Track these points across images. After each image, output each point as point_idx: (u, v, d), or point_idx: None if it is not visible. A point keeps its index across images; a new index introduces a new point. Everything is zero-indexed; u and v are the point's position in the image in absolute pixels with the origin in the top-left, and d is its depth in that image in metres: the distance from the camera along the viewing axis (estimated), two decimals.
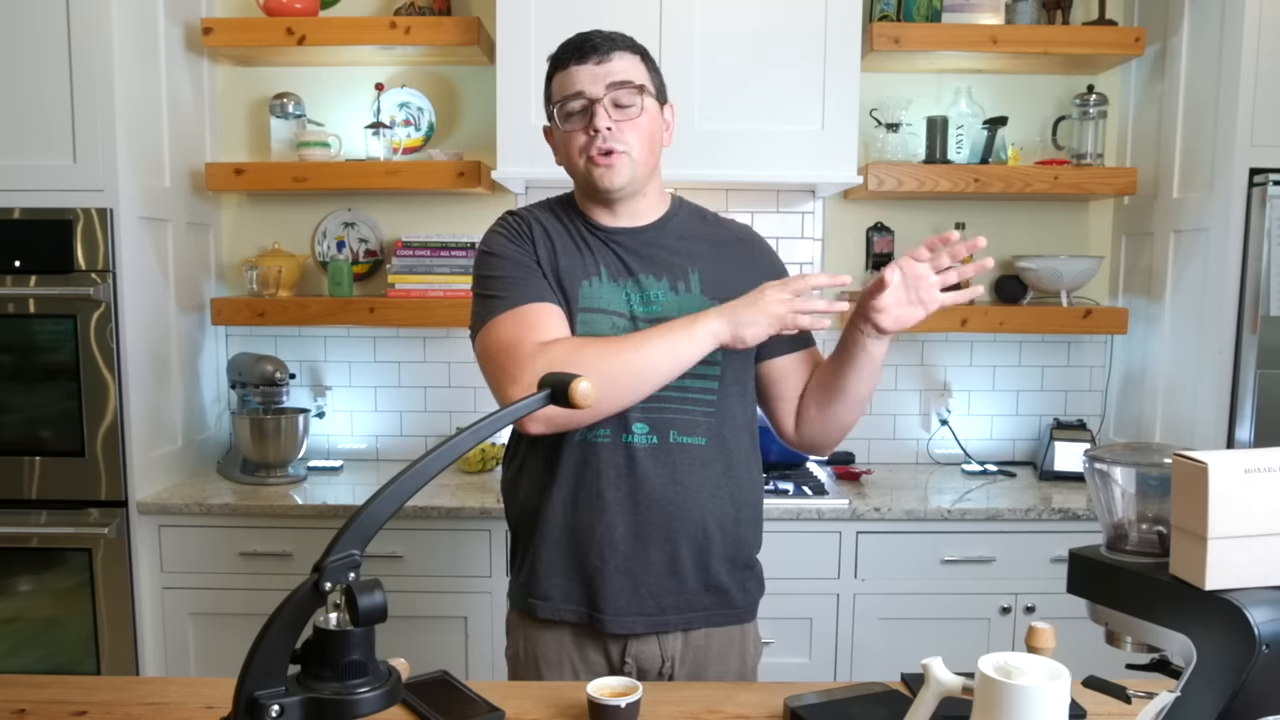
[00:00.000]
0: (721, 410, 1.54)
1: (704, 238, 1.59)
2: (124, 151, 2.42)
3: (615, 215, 1.55)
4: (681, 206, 1.62)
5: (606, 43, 1.48)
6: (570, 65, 1.48)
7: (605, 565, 1.51)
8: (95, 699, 1.35)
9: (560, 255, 1.52)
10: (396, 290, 2.78)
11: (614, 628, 1.52)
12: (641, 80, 1.49)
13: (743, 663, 1.61)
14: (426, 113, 2.92)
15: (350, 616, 0.90)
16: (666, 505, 1.50)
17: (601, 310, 1.50)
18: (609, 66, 1.47)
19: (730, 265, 1.57)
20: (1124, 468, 1.13)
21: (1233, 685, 0.97)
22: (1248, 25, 2.38)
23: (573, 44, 1.49)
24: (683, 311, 1.49)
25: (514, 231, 1.55)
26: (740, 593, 1.59)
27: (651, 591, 1.52)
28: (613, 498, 1.50)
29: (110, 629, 2.49)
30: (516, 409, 1.08)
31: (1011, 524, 2.48)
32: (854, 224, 2.97)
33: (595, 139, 1.46)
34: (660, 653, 1.55)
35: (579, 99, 1.47)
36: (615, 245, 1.54)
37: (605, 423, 1.48)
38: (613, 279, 1.52)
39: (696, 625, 1.56)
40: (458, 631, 2.49)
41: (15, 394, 2.46)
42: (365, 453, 3.03)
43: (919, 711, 1.08)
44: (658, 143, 1.53)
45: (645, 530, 1.51)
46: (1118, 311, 2.79)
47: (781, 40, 2.53)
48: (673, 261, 1.54)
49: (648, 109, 1.49)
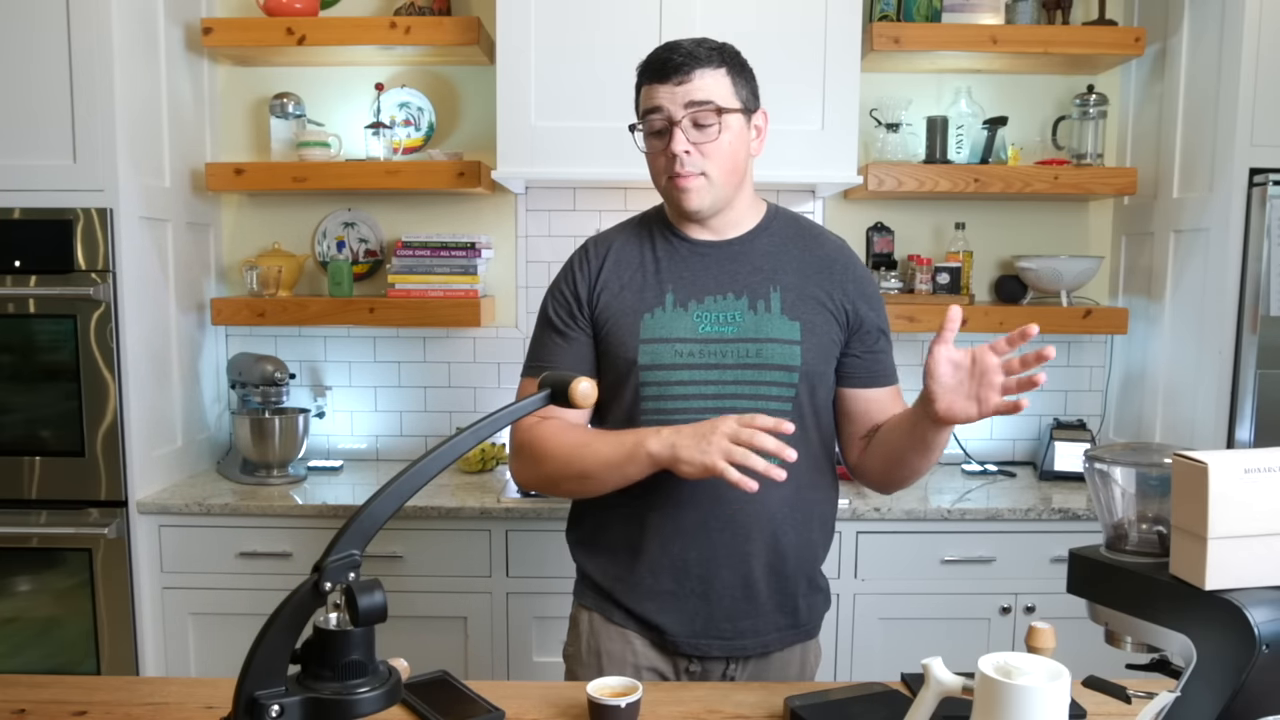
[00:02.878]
0: (795, 432, 1.49)
1: (793, 254, 1.55)
2: (124, 151, 2.42)
3: (704, 228, 1.54)
4: (776, 217, 1.59)
5: (689, 60, 1.44)
6: (654, 81, 1.45)
7: (679, 589, 1.51)
8: (95, 699, 1.35)
9: (625, 290, 1.52)
10: (396, 290, 2.78)
11: (688, 650, 1.53)
12: (724, 99, 1.45)
13: (802, 670, 1.61)
14: (426, 113, 2.92)
15: (350, 616, 0.90)
16: (739, 528, 1.49)
17: (663, 340, 1.49)
18: (689, 86, 1.43)
19: (814, 285, 1.53)
20: (1124, 468, 1.13)
21: (1233, 685, 0.97)
22: (1248, 25, 2.38)
23: (657, 59, 1.46)
24: (760, 332, 1.48)
25: (569, 278, 1.57)
26: (810, 612, 1.59)
27: (727, 614, 1.52)
28: (688, 523, 1.49)
29: (110, 629, 2.49)
30: (516, 409, 1.08)
31: (1011, 524, 2.48)
32: (854, 224, 2.97)
33: (674, 162, 1.45)
34: (726, 668, 1.55)
35: (658, 117, 1.45)
36: (699, 259, 1.53)
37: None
38: (680, 304, 1.50)
39: (771, 649, 1.56)
40: (458, 631, 2.49)
41: (15, 394, 2.45)
42: (365, 453, 3.03)
43: (919, 711, 1.08)
44: (742, 160, 1.50)
45: (719, 553, 1.49)
46: (1118, 311, 2.79)
47: (781, 40, 2.53)
48: (754, 280, 1.51)
49: (729, 127, 1.46)
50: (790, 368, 1.48)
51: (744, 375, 1.48)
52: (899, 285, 2.80)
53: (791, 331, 1.49)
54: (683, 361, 1.48)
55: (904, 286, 2.82)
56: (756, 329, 1.49)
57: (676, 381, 1.48)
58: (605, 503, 1.54)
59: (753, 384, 1.48)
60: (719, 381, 1.48)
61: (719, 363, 1.48)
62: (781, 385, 1.48)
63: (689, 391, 1.48)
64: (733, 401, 1.47)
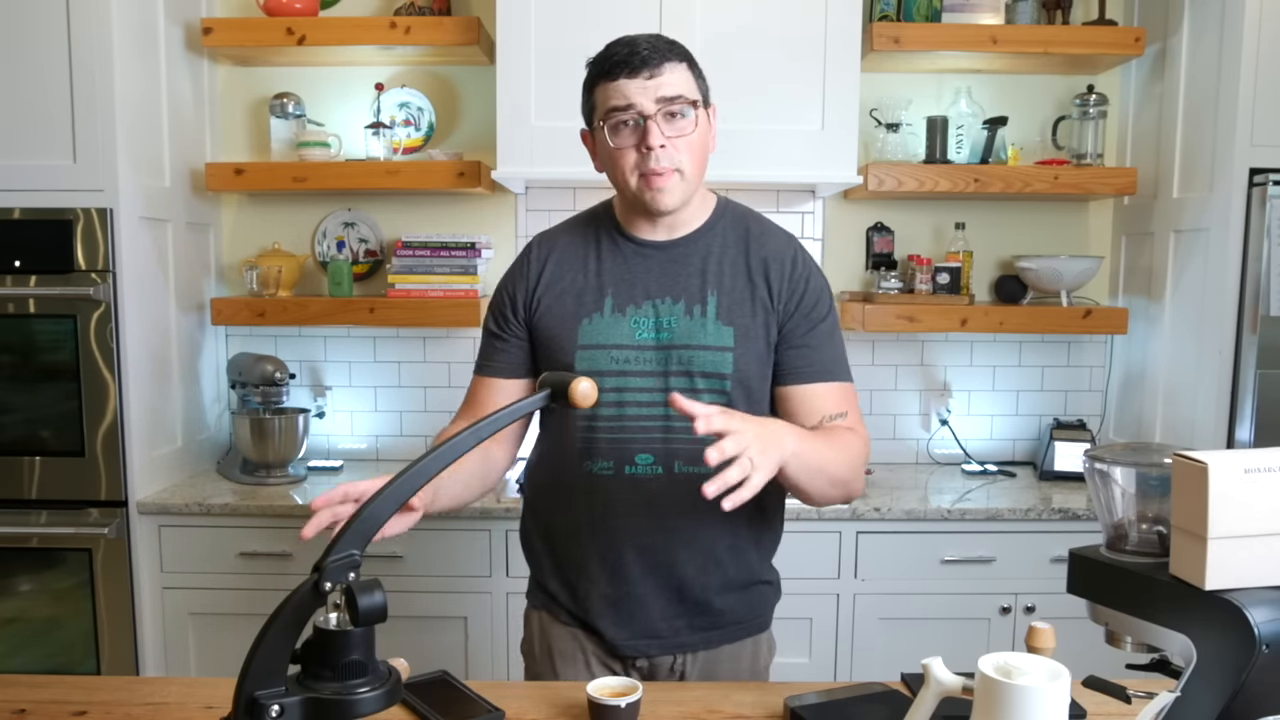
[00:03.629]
0: None
1: (734, 255, 1.51)
2: (124, 151, 2.42)
3: (654, 228, 1.52)
4: (724, 215, 1.55)
5: (656, 54, 1.40)
6: (620, 78, 1.40)
7: (616, 592, 1.51)
8: (95, 699, 1.35)
9: (565, 294, 1.52)
10: (396, 290, 2.77)
11: (628, 651, 1.53)
12: (694, 93, 1.43)
13: (755, 663, 1.61)
14: (426, 113, 2.92)
15: (350, 616, 0.90)
16: (674, 535, 1.49)
17: (600, 346, 1.48)
18: (661, 80, 1.39)
19: (754, 287, 1.50)
20: (1124, 468, 1.13)
21: (1233, 685, 0.97)
22: (1248, 25, 2.38)
23: (620, 54, 1.41)
24: (693, 339, 1.47)
25: (509, 281, 1.57)
26: (753, 611, 1.59)
27: (664, 615, 1.52)
28: (621, 529, 1.49)
29: (110, 629, 2.49)
30: (516, 409, 1.08)
31: (1011, 524, 2.47)
32: (854, 224, 2.97)
33: (648, 157, 1.41)
34: (673, 664, 1.56)
35: (629, 113, 1.40)
36: (642, 260, 1.51)
37: (605, 455, 1.47)
38: (618, 309, 1.49)
39: (715, 644, 1.56)
40: (458, 631, 2.49)
41: (15, 394, 2.45)
42: (365, 453, 3.03)
43: (919, 711, 1.08)
44: (707, 154, 1.48)
45: (654, 558, 1.50)
46: (1118, 311, 2.79)
47: (781, 40, 2.53)
48: (693, 284, 1.49)
49: (700, 122, 1.44)
50: (722, 375, 1.47)
51: (677, 383, 1.46)
52: (899, 285, 2.80)
53: (725, 338, 1.47)
54: (618, 368, 1.47)
55: (904, 286, 2.81)
56: (690, 335, 1.47)
57: (613, 389, 1.46)
58: (547, 507, 1.56)
59: (685, 391, 1.45)
60: (653, 389, 1.47)
61: (653, 370, 1.47)
62: (714, 393, 1.47)
63: (624, 398, 1.47)
64: (665, 408, 1.45)
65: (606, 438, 1.48)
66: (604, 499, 1.49)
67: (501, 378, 1.57)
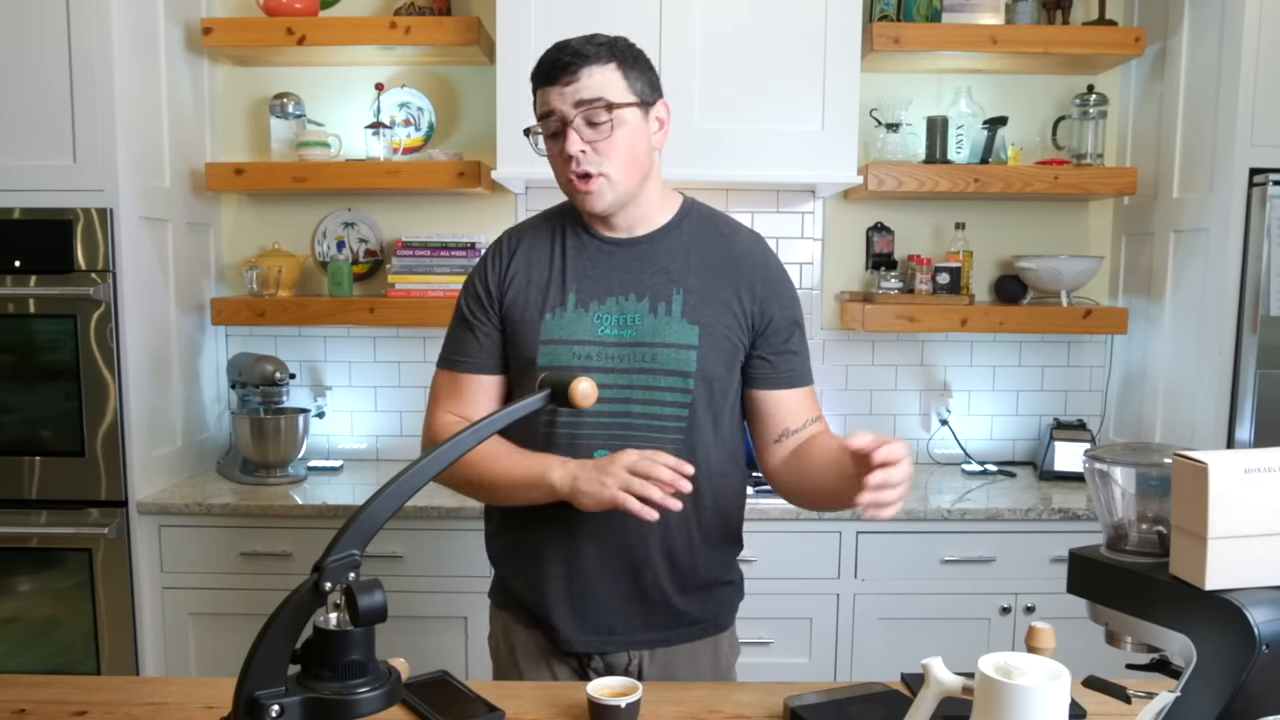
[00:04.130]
0: (692, 438, 1.49)
1: (700, 254, 1.52)
2: (124, 151, 2.42)
3: (612, 226, 1.52)
4: (689, 215, 1.55)
5: (576, 59, 1.41)
6: (545, 84, 1.43)
7: (570, 588, 1.51)
8: (95, 699, 1.35)
9: (531, 286, 1.52)
10: (396, 290, 2.78)
11: (580, 648, 1.53)
12: (615, 95, 1.42)
13: (716, 663, 1.60)
14: (426, 113, 2.92)
15: (350, 616, 0.90)
16: (629, 534, 1.48)
17: (562, 341, 1.48)
18: (577, 85, 1.41)
19: (720, 286, 1.50)
20: (1124, 468, 1.13)
21: (1233, 685, 0.97)
22: (1248, 25, 2.38)
23: (545, 61, 1.44)
24: (657, 336, 1.46)
25: (482, 271, 1.56)
26: (710, 611, 1.58)
27: (620, 613, 1.52)
28: (577, 526, 1.48)
29: (110, 629, 2.49)
30: (516, 409, 1.08)
31: (1011, 524, 2.48)
32: (854, 224, 2.97)
33: (570, 164, 1.43)
34: (628, 664, 1.55)
35: (552, 120, 1.43)
36: (606, 257, 1.51)
37: (563, 450, 1.46)
38: (581, 305, 1.49)
39: (671, 643, 1.55)
40: (458, 631, 2.49)
41: (15, 394, 2.45)
42: (365, 453, 3.03)
43: (919, 711, 1.08)
44: (643, 154, 1.46)
45: (611, 557, 1.49)
46: (1118, 311, 2.79)
47: (781, 40, 2.53)
48: (658, 282, 1.49)
49: (625, 122, 1.42)
50: (685, 373, 1.47)
51: (639, 380, 1.46)
52: (899, 285, 2.80)
53: (689, 336, 1.47)
54: (580, 364, 1.47)
55: (904, 286, 2.81)
56: (654, 333, 1.47)
57: None
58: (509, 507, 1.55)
59: (647, 389, 1.46)
60: (615, 385, 1.46)
61: (616, 366, 1.47)
62: (676, 390, 1.47)
63: None
64: (625, 405, 1.46)
65: (564, 433, 1.47)
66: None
67: (475, 373, 1.55)
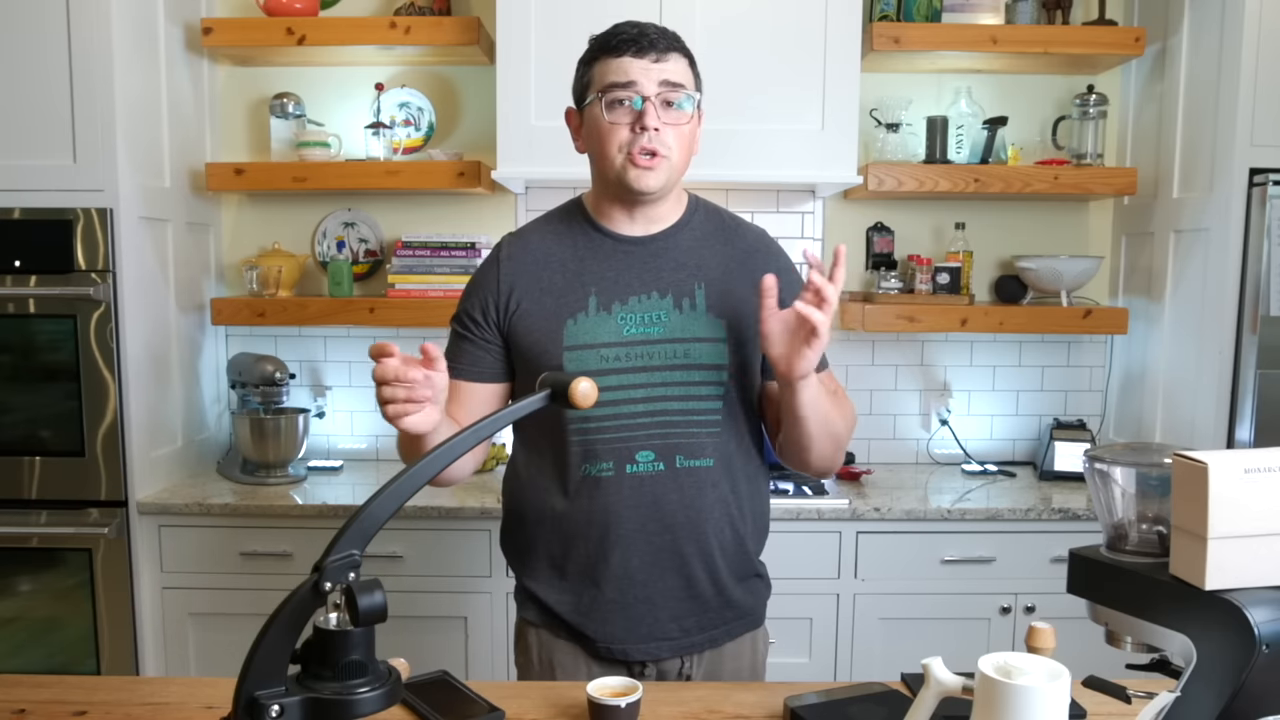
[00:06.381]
0: (726, 430, 1.50)
1: (715, 248, 1.52)
2: (124, 151, 2.42)
3: (631, 220, 1.51)
4: (697, 211, 1.56)
5: (664, 40, 1.42)
6: (625, 55, 1.40)
7: (625, 597, 1.49)
8: (95, 699, 1.35)
9: (545, 294, 1.49)
10: (396, 290, 2.78)
11: (637, 656, 1.52)
12: (693, 87, 1.45)
13: (754, 659, 1.61)
14: (426, 113, 2.92)
15: (350, 616, 0.90)
16: (679, 530, 1.48)
17: (588, 345, 1.46)
18: (665, 65, 1.41)
19: (737, 280, 1.51)
20: (1124, 468, 1.13)
21: (1233, 685, 0.97)
22: (1248, 25, 2.38)
23: (629, 34, 1.41)
24: (687, 332, 1.46)
25: (481, 282, 1.54)
26: (753, 601, 1.59)
27: (673, 615, 1.51)
28: (626, 530, 1.47)
29: (110, 629, 2.49)
30: (516, 409, 1.08)
31: (1011, 524, 2.48)
32: (854, 224, 2.97)
33: (640, 137, 1.40)
34: (681, 667, 1.54)
35: (629, 90, 1.40)
36: (623, 256, 1.50)
37: (604, 456, 1.46)
38: (603, 307, 1.47)
39: (720, 642, 1.55)
40: (458, 631, 2.49)
41: (15, 394, 2.45)
42: (365, 453, 3.03)
43: (919, 711, 1.08)
44: (693, 148, 1.49)
45: (661, 558, 1.48)
46: (1118, 311, 2.79)
47: (781, 40, 2.53)
48: (678, 277, 1.49)
49: (695, 114, 1.46)
50: (719, 366, 1.47)
51: (673, 376, 1.46)
52: (899, 285, 2.80)
53: (717, 329, 1.48)
54: (609, 366, 1.45)
55: (904, 286, 2.82)
56: (683, 328, 1.46)
57: (604, 388, 1.42)
58: (538, 515, 1.52)
59: (682, 384, 1.46)
60: (648, 385, 1.45)
61: (646, 365, 1.46)
62: (711, 384, 1.47)
63: (618, 397, 1.45)
64: (663, 404, 1.46)
65: (604, 438, 1.46)
66: (605, 502, 1.47)
67: (467, 380, 1.53)
